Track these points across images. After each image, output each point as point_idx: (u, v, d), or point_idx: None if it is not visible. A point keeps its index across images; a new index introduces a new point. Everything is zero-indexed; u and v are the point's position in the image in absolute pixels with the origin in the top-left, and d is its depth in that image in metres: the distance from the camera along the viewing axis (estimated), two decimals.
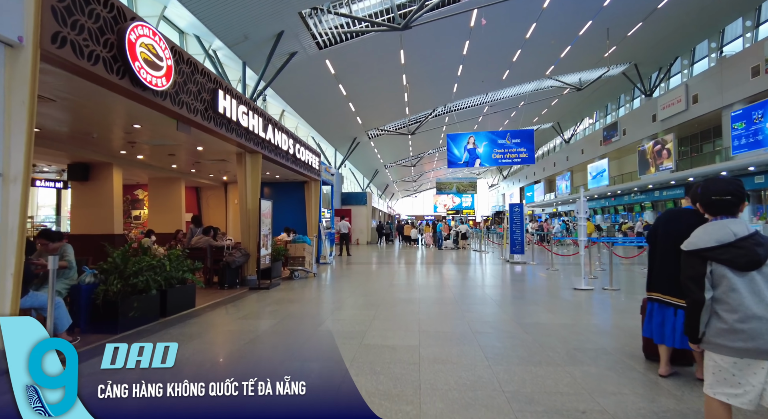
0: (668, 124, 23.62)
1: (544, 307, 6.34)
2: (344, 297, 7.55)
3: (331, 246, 16.31)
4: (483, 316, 5.70)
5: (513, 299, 7.23)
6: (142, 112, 5.63)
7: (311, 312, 6.20)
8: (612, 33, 20.50)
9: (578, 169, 38.58)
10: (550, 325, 5.16)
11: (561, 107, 35.58)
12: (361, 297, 7.31)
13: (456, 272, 11.49)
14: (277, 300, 7.00)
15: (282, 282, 9.12)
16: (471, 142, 22.24)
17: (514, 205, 14.22)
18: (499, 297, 7.29)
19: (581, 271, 8.01)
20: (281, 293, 7.79)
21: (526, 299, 7.21)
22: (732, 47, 21.53)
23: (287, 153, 10.35)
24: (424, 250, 20.97)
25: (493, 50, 20.91)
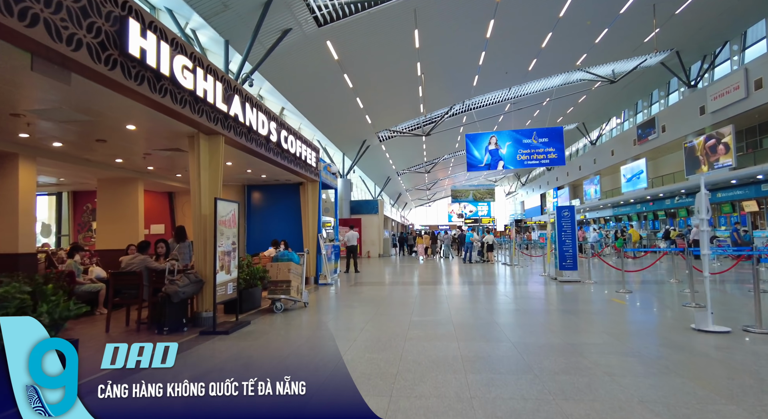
0: (721, 116, 20.53)
1: (685, 377, 3.52)
2: (342, 348, 4.80)
3: (336, 261, 13.63)
4: (588, 397, 2.92)
5: (617, 355, 4.38)
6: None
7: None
8: (659, 10, 17.69)
9: (607, 172, 35.46)
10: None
11: (587, 105, 32.70)
12: (369, 353, 4.55)
13: (499, 298, 8.66)
14: (229, 359, 4.29)
15: (258, 318, 6.44)
16: (493, 142, 19.60)
17: (562, 208, 11.36)
18: (593, 353, 4.45)
19: (686, 295, 5.13)
20: (244, 341, 5.08)
21: (644, 358, 4.35)
22: None
23: (268, 140, 7.74)
24: (443, 264, 18.12)
25: (521, 33, 18.23)
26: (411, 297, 8.51)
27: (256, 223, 11.70)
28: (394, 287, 10.43)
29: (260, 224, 11.63)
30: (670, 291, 8.80)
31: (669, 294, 8.52)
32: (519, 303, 7.55)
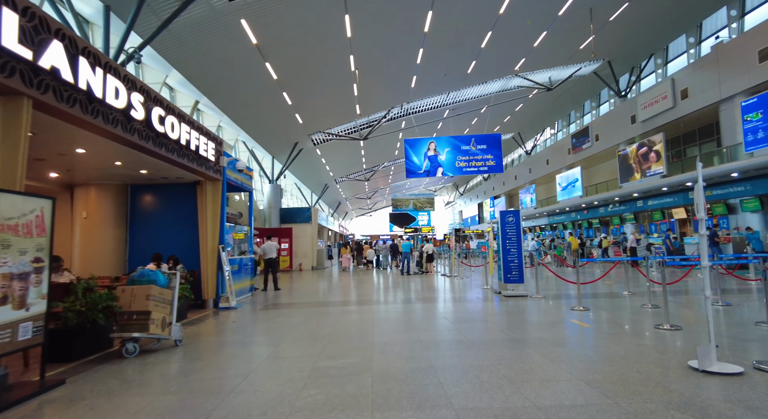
0: (651, 125, 20.85)
1: None
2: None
3: (251, 278, 11.52)
4: None
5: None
6: None
7: None
8: (595, 14, 17.46)
9: (543, 181, 35.92)
10: None
11: (523, 115, 32.91)
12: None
13: (437, 322, 7.06)
14: None
15: (88, 371, 4.34)
16: (432, 148, 18.37)
17: (507, 213, 10.10)
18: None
19: (649, 312, 3.79)
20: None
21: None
22: (711, 42, 19.20)
23: (129, 117, 5.65)
24: (378, 277, 16.47)
25: (461, 30, 17.23)
26: (328, 325, 6.68)
27: (141, 233, 9.35)
28: (313, 310, 8.53)
29: (147, 234, 9.30)
30: (629, 307, 7.67)
31: (630, 310, 7.37)
32: (462, 331, 5.97)
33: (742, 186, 16.56)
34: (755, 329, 5.57)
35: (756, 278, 11.02)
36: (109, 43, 8.99)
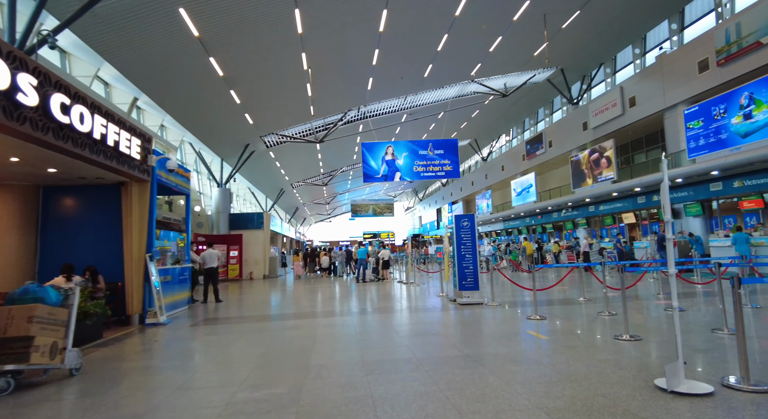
0: (602, 131, 21.40)
1: None
2: None
3: (189, 289, 10.54)
4: None
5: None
6: None
7: None
8: (549, 22, 17.64)
9: (499, 187, 36.43)
10: None
11: (480, 121, 33.23)
12: None
13: (386, 337, 6.47)
14: None
15: None
16: (390, 152, 17.95)
17: (461, 217, 9.70)
18: None
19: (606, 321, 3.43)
20: None
21: None
22: (656, 53, 19.97)
23: (11, 100, 4.72)
24: (333, 284, 15.73)
25: (417, 31, 16.90)
26: (263, 344, 5.94)
27: (55, 241, 8.21)
28: (252, 325, 7.73)
29: (62, 242, 8.17)
30: (586, 315, 7.39)
31: (587, 319, 7.08)
32: (412, 347, 5.40)
33: (685, 191, 17.12)
34: (713, 337, 5.34)
35: (702, 281, 11.20)
36: (15, 24, 7.85)
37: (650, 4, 18.10)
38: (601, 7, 17.19)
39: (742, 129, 13.69)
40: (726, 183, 15.38)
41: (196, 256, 11.77)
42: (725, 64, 14.60)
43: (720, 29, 14.88)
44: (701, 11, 18.04)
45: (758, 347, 4.80)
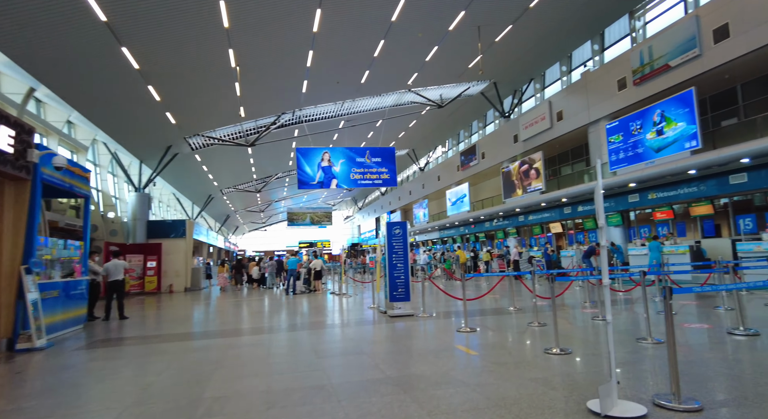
0: (532, 144, 22.20)
1: None
2: None
3: (83, 305, 9.17)
4: None
5: None
6: None
7: None
8: (483, 34, 17.98)
9: (435, 197, 36.90)
10: None
11: (417, 131, 33.52)
12: None
13: (301, 359, 5.79)
14: None
15: None
16: (326, 158, 17.29)
17: (393, 224, 9.27)
18: None
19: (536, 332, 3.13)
20: None
21: None
22: (581, 70, 21.15)
23: None
24: (260, 298, 14.69)
25: (353, 34, 16.50)
26: (154, 372, 5.03)
27: None
28: (150, 346, 6.71)
29: None
30: (516, 326, 7.18)
31: (517, 330, 6.85)
32: (328, 371, 4.79)
33: (607, 202, 18.03)
34: (639, 348, 5.23)
35: (624, 289, 11.60)
36: None
37: (574, 25, 19.05)
38: (530, 24, 17.81)
39: (655, 144, 14.59)
40: (642, 195, 16.35)
41: (97, 267, 10.34)
42: (640, 83, 15.57)
43: (635, 51, 15.90)
44: (619, 34, 19.29)
45: (682, 357, 4.71)
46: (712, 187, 13.88)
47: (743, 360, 4.63)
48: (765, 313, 7.41)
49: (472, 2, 15.58)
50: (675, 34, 14.22)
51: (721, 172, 13.44)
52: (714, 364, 4.43)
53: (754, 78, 13.89)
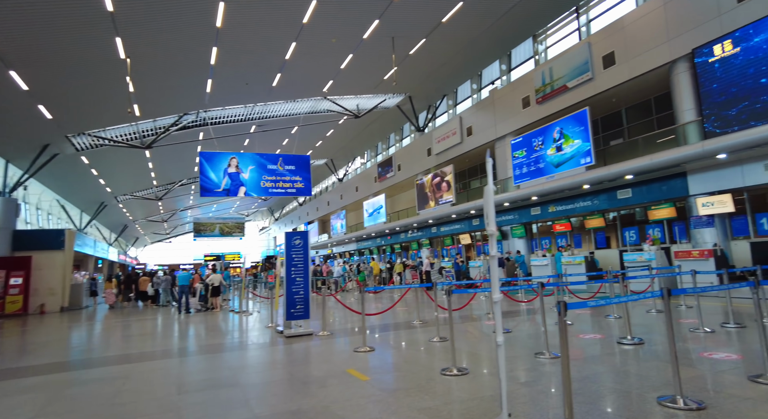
0: (444, 157, 22.69)
1: None
2: None
3: None
4: None
5: None
6: None
7: None
8: (397, 46, 18.00)
9: (353, 208, 36.51)
10: None
11: (335, 141, 33.00)
12: None
13: (164, 399, 4.81)
14: None
15: None
16: (234, 164, 15.96)
17: (293, 235, 8.54)
18: None
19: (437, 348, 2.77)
20: None
21: None
22: (490, 88, 22.13)
23: None
24: (146, 317, 12.97)
25: (262, 33, 15.56)
26: None
27: None
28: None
29: None
30: (417, 342, 6.77)
31: (418, 347, 6.43)
32: (184, 410, 3.94)
33: (512, 215, 18.77)
34: (537, 364, 5.02)
35: (527, 299, 11.86)
36: None
37: (484, 45, 19.80)
38: (443, 40, 18.17)
39: (555, 160, 15.42)
40: (543, 208, 17.20)
41: None
42: (542, 102, 16.47)
43: (538, 72, 16.83)
44: (524, 56, 20.43)
45: (576, 372, 4.53)
46: (603, 201, 14.93)
47: (631, 372, 4.57)
48: (648, 320, 7.78)
49: (386, 11, 15.48)
50: (572, 58, 15.24)
51: (611, 187, 14.51)
52: (606, 379, 4.29)
53: (636, 103, 15.30)
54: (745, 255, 11.43)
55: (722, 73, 10.89)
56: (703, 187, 11.97)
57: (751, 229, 11.51)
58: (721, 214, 11.80)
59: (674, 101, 12.65)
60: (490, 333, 7.24)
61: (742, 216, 11.65)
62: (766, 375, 3.90)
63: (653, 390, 3.80)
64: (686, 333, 6.36)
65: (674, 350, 3.53)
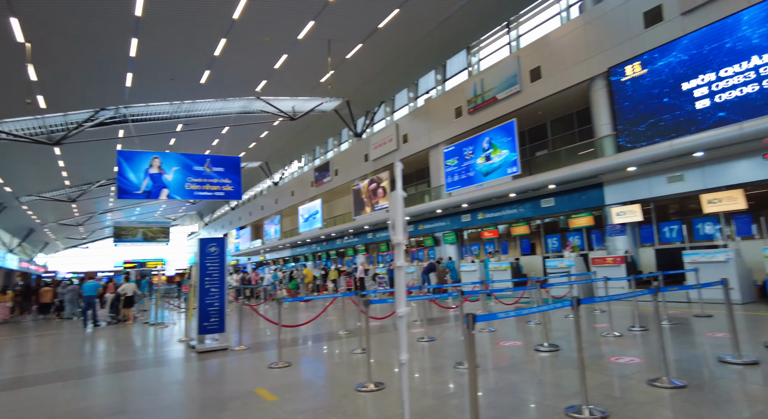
0: (381, 164, 22.68)
1: None
2: None
3: None
4: None
5: None
6: None
7: None
8: (333, 49, 17.71)
9: (288, 213, 35.52)
10: None
11: (270, 144, 31.98)
12: None
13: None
14: None
15: None
16: (156, 165, 14.78)
17: (208, 241, 7.93)
18: None
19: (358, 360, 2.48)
20: None
21: None
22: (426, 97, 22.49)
23: None
24: (44, 332, 11.54)
25: (188, 26, 14.63)
26: None
27: None
28: None
29: None
30: (339, 355, 6.48)
31: (338, 360, 6.14)
32: None
33: (444, 221, 19.07)
34: (455, 374, 4.91)
35: (454, 305, 11.94)
36: None
37: (420, 54, 20.01)
38: (380, 46, 18.14)
39: (484, 168, 15.86)
40: (473, 215, 17.61)
41: None
42: (474, 112, 16.91)
43: (470, 83, 17.29)
44: (458, 67, 20.95)
45: (492, 384, 4.46)
46: (528, 210, 15.54)
47: (545, 381, 4.59)
48: (566, 325, 8.04)
49: (322, 13, 15.17)
50: (502, 71, 15.79)
51: (535, 196, 15.13)
52: (520, 389, 4.25)
53: (560, 116, 16.14)
54: (650, 261, 12.33)
55: (633, 91, 11.73)
56: (617, 197, 12.78)
57: (656, 237, 12.45)
58: (631, 223, 12.66)
59: (593, 116, 13.46)
60: (414, 342, 7.10)
61: (648, 225, 12.57)
62: (662, 379, 4.03)
63: (564, 400, 3.78)
64: (598, 338, 6.60)
65: (582, 358, 3.53)
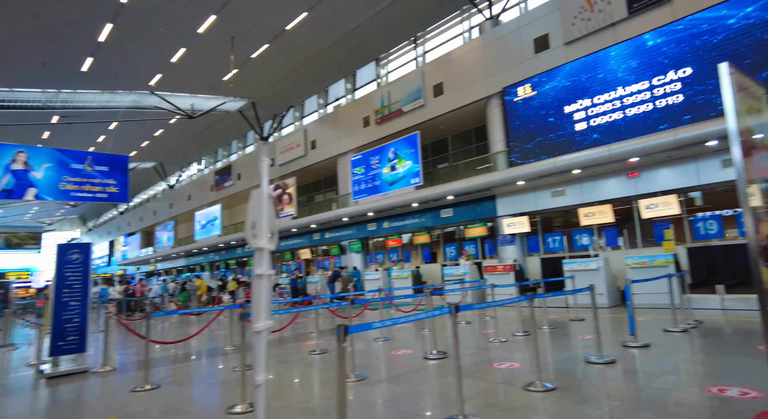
0: (288, 169, 22.02)
1: None
2: None
3: None
4: None
5: None
6: None
7: None
8: (237, 47, 16.87)
9: (184, 219, 32.96)
10: None
11: (165, 144, 29.58)
12: None
13: None
14: None
15: None
16: (21, 160, 12.76)
17: (68, 247, 6.86)
18: None
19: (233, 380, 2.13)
20: None
21: None
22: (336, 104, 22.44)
23: None
24: None
25: (63, 5, 12.92)
26: None
27: None
28: None
29: None
30: (218, 374, 5.93)
31: (215, 380, 5.60)
32: None
33: (350, 230, 18.97)
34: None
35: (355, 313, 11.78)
36: None
37: (330, 62, 19.90)
38: (288, 49, 17.71)
39: (389, 178, 16.08)
40: (379, 223, 17.75)
41: None
42: (381, 122, 17.13)
43: (378, 93, 17.52)
44: (368, 78, 21.18)
45: (378, 397, 4.32)
46: (429, 219, 16.03)
47: (428, 391, 4.57)
48: (459, 330, 8.25)
49: (225, 8, 14.37)
50: (407, 84, 16.21)
51: (436, 206, 15.66)
52: (402, 401, 4.15)
53: (460, 131, 16.97)
54: (536, 269, 13.34)
55: (523, 111, 12.69)
56: (507, 209, 13.68)
57: (542, 247, 13.52)
58: (521, 233, 13.61)
59: (489, 132, 14.32)
60: (305, 355, 6.77)
61: (535, 236, 13.62)
62: (536, 383, 4.20)
63: (444, 410, 3.75)
64: (485, 344, 6.84)
65: (459, 366, 3.52)
